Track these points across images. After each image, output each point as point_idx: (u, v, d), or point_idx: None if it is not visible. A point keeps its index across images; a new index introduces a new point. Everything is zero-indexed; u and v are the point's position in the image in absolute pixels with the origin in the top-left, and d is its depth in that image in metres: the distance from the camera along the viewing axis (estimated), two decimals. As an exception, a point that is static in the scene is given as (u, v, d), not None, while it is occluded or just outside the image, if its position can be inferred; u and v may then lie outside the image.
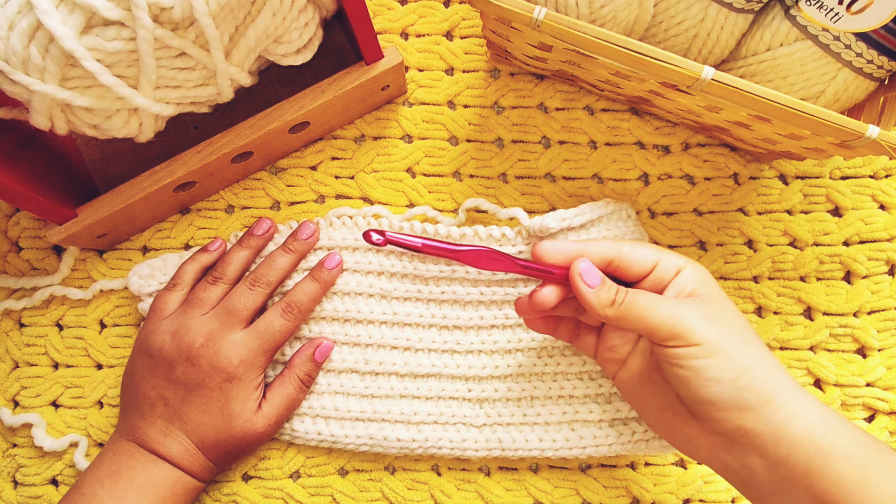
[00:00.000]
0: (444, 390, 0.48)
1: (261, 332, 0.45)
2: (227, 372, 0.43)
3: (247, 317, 0.45)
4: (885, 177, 0.51)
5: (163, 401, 0.44)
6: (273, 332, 0.45)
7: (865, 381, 0.49)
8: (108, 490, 0.42)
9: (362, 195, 0.51)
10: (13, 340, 0.51)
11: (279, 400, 0.46)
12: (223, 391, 0.44)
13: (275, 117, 0.45)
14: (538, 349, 0.47)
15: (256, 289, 0.46)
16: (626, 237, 0.46)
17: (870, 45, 0.39)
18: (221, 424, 0.44)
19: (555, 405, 0.47)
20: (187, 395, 0.44)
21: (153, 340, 0.45)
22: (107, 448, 0.45)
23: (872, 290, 0.50)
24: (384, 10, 0.52)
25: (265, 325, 0.45)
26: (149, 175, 0.45)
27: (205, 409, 0.44)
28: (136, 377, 0.45)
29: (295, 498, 0.49)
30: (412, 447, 0.47)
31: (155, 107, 0.39)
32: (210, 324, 0.44)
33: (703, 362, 0.35)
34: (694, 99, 0.39)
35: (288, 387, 0.46)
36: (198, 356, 0.43)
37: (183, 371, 0.43)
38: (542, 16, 0.35)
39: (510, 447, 0.47)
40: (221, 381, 0.44)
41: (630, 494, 0.49)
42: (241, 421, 0.44)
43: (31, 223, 0.51)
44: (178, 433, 0.44)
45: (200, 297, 0.45)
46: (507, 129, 0.52)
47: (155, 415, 0.44)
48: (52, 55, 0.34)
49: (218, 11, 0.36)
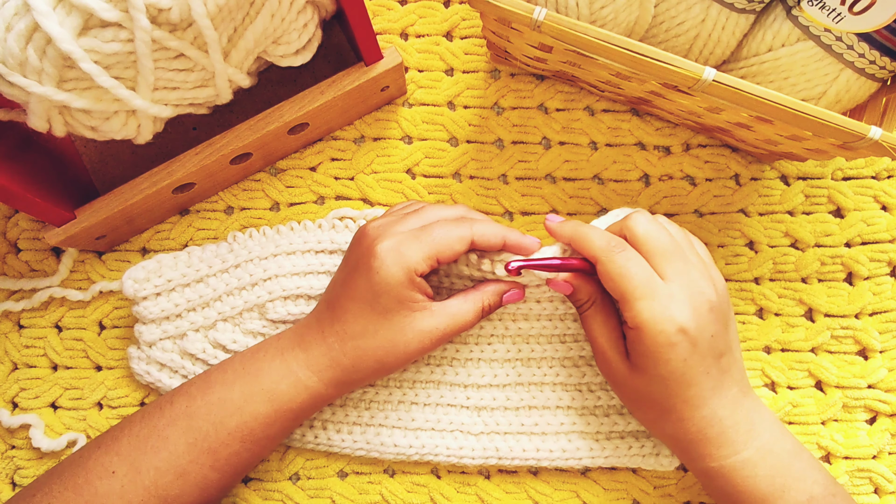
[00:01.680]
0: (443, 397, 0.48)
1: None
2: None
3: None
4: (888, 178, 0.51)
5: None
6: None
7: (867, 383, 0.49)
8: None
9: (362, 196, 0.51)
10: (12, 342, 0.50)
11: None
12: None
13: (274, 118, 0.45)
14: (538, 360, 0.47)
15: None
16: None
17: (872, 45, 0.39)
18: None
19: (552, 415, 0.47)
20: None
21: None
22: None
23: (874, 292, 0.50)
24: (384, 10, 0.52)
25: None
26: (148, 177, 0.45)
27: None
28: None
29: (294, 500, 0.49)
30: (409, 453, 0.47)
31: (153, 108, 0.39)
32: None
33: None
34: (695, 100, 0.39)
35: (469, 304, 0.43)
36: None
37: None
38: (542, 16, 0.35)
39: (507, 456, 0.47)
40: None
41: (630, 497, 0.49)
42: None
43: (30, 225, 0.51)
44: None
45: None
46: (507, 129, 0.51)
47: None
48: (50, 57, 0.34)
49: (216, 13, 0.36)
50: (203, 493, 0.41)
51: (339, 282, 0.43)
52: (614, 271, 0.38)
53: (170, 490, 0.40)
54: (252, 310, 0.48)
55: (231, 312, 0.47)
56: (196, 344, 0.47)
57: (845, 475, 0.48)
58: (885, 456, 0.49)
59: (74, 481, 0.40)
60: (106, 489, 0.39)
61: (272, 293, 0.47)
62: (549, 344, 0.47)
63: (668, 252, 0.38)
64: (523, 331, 0.47)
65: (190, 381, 0.43)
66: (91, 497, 0.39)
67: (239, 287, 0.47)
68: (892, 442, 0.49)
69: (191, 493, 0.41)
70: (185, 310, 0.48)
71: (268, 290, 0.47)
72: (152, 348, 0.48)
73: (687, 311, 0.37)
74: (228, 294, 0.48)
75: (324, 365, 0.41)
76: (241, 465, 0.42)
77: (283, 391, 0.41)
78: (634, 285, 0.38)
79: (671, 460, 0.47)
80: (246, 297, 0.47)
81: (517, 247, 0.42)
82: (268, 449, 0.43)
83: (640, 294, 0.37)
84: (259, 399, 0.41)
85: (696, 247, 0.41)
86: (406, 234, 0.40)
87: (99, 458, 0.41)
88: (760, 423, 0.40)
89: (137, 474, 0.40)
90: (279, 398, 0.41)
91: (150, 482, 0.40)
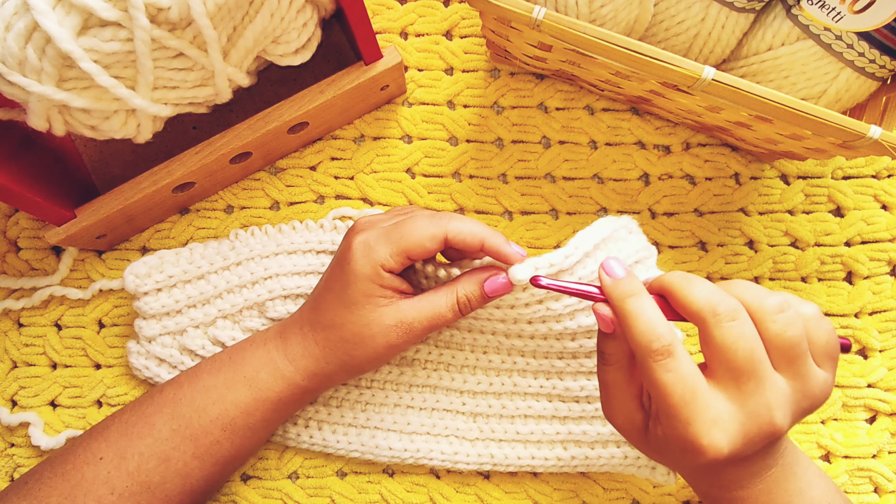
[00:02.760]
0: (439, 402, 0.48)
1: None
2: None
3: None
4: (888, 177, 0.51)
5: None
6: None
7: (867, 382, 0.49)
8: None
9: (362, 196, 0.51)
10: (12, 340, 0.50)
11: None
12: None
13: (274, 118, 0.45)
14: (534, 372, 0.47)
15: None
16: (630, 258, 0.41)
17: (872, 44, 0.39)
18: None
19: (549, 424, 0.47)
20: None
21: None
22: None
23: (874, 291, 0.50)
24: (383, 9, 0.52)
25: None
26: (148, 176, 0.45)
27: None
28: None
29: (293, 498, 0.49)
30: (404, 457, 0.47)
31: (153, 107, 0.39)
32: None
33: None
34: (695, 99, 0.39)
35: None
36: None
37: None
38: (541, 15, 0.35)
39: (502, 462, 0.47)
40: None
41: (630, 497, 0.49)
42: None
43: (30, 223, 0.51)
44: None
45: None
46: (506, 129, 0.51)
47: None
48: (49, 56, 0.34)
49: (215, 12, 0.36)
50: (185, 482, 0.41)
51: (324, 274, 0.43)
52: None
53: (152, 476, 0.40)
54: (252, 308, 0.48)
55: (231, 310, 0.47)
56: (196, 340, 0.47)
57: (845, 474, 0.48)
58: (885, 455, 0.49)
59: (63, 468, 0.40)
60: (92, 475, 0.40)
61: (272, 292, 0.47)
62: (546, 359, 0.47)
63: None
64: (517, 347, 0.46)
65: (184, 371, 0.44)
66: (77, 482, 0.40)
67: (240, 285, 0.48)
68: (892, 441, 0.49)
69: (173, 480, 0.41)
70: (185, 306, 0.48)
71: (268, 289, 0.47)
72: (152, 343, 0.48)
73: (739, 438, 0.32)
74: (229, 291, 0.48)
75: (299, 354, 0.42)
76: (223, 455, 0.42)
77: (262, 379, 0.42)
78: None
79: (667, 478, 0.46)
80: (246, 295, 0.47)
81: (496, 253, 0.39)
82: (250, 441, 0.43)
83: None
84: (240, 387, 0.41)
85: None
86: (381, 230, 0.40)
87: (88, 444, 0.41)
88: (799, 498, 0.36)
89: (122, 460, 0.40)
90: (258, 386, 0.42)
91: (134, 467, 0.40)
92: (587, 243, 0.39)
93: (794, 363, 0.32)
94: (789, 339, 0.32)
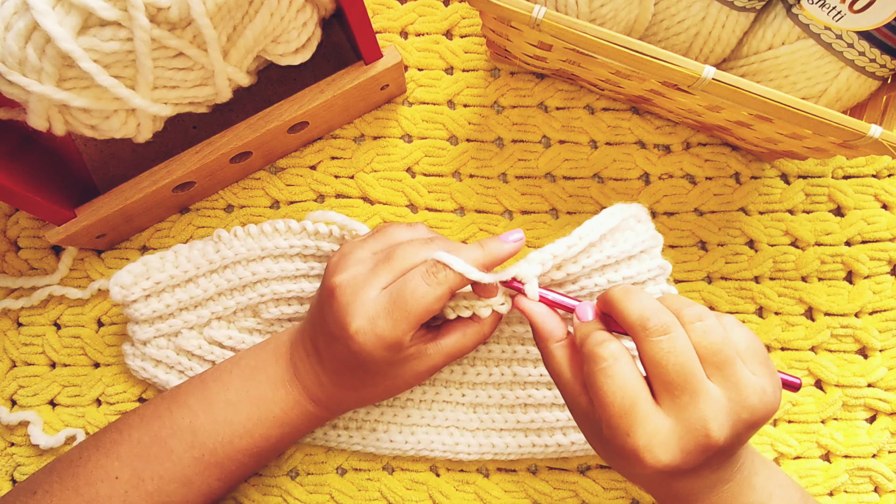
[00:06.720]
0: (438, 394, 0.48)
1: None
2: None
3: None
4: (888, 176, 0.51)
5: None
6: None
7: (867, 381, 0.49)
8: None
9: (362, 195, 0.51)
10: (11, 339, 0.51)
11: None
12: None
13: (274, 117, 0.45)
14: (533, 360, 0.47)
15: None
16: (636, 248, 0.42)
17: (872, 43, 0.39)
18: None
19: (549, 412, 0.47)
20: None
21: None
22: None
23: (874, 291, 0.50)
24: (383, 8, 0.52)
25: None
26: (148, 175, 0.45)
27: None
28: None
29: (293, 495, 0.49)
30: (405, 449, 0.47)
31: (153, 107, 0.39)
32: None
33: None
34: (695, 98, 0.39)
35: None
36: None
37: None
38: (541, 15, 0.35)
39: (503, 451, 0.47)
40: None
41: (629, 496, 0.49)
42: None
43: (30, 223, 0.51)
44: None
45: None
46: (507, 128, 0.51)
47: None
48: (49, 56, 0.34)
49: (215, 11, 0.36)
50: (207, 500, 0.42)
51: (322, 339, 0.41)
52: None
53: (174, 497, 0.41)
54: (245, 310, 0.47)
55: (224, 312, 0.47)
56: (191, 341, 0.47)
57: (845, 474, 0.48)
58: (885, 454, 0.49)
59: (75, 482, 0.40)
60: (107, 492, 0.40)
61: (264, 296, 0.46)
62: None
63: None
64: (518, 334, 0.47)
65: (185, 388, 0.43)
66: (92, 498, 0.40)
67: (230, 288, 0.47)
68: (892, 440, 0.49)
69: (195, 499, 0.42)
70: (177, 309, 0.47)
71: (259, 293, 0.46)
72: (146, 346, 0.48)
73: (677, 452, 0.32)
74: (220, 294, 0.47)
75: (326, 400, 0.43)
76: (247, 473, 0.44)
77: (293, 418, 0.43)
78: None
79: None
80: (238, 299, 0.47)
81: (480, 290, 0.40)
82: (272, 458, 0.45)
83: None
84: (270, 424, 0.42)
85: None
86: (381, 303, 0.38)
87: (99, 460, 0.41)
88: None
89: (141, 481, 0.40)
90: (290, 424, 0.43)
91: (154, 489, 0.40)
92: (593, 233, 0.40)
93: (723, 369, 0.32)
94: (711, 345, 0.32)
